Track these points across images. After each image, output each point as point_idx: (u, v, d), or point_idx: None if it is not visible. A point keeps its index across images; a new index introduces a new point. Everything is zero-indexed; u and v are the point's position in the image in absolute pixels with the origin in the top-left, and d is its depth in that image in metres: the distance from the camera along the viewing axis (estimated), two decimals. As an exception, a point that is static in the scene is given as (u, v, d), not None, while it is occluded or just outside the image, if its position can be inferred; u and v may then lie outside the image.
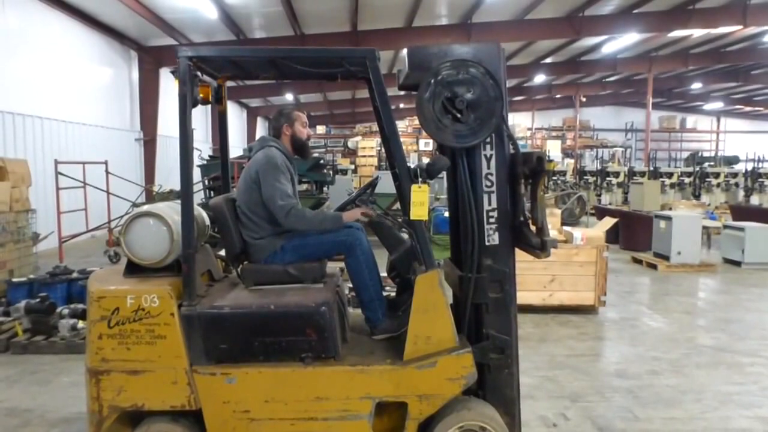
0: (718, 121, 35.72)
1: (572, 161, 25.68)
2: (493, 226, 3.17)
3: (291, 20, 14.78)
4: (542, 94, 30.16)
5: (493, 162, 3.13)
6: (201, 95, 3.47)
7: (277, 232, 3.31)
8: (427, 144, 32.62)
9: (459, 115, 2.97)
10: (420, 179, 3.04)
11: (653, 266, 9.57)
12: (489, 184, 3.14)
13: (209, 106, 3.55)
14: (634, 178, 18.41)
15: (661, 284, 8.56)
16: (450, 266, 3.60)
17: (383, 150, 28.92)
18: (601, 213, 12.29)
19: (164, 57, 15.73)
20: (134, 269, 3.16)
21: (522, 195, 3.17)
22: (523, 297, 6.56)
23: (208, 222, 3.65)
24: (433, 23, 16.10)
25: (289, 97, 27.49)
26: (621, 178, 18.68)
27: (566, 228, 6.99)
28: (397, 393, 2.98)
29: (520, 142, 26.41)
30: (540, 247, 3.08)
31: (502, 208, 3.15)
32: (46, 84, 11.18)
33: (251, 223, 3.30)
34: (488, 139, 3.10)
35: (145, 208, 3.17)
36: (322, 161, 13.07)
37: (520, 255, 6.60)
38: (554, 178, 19.19)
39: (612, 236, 11.40)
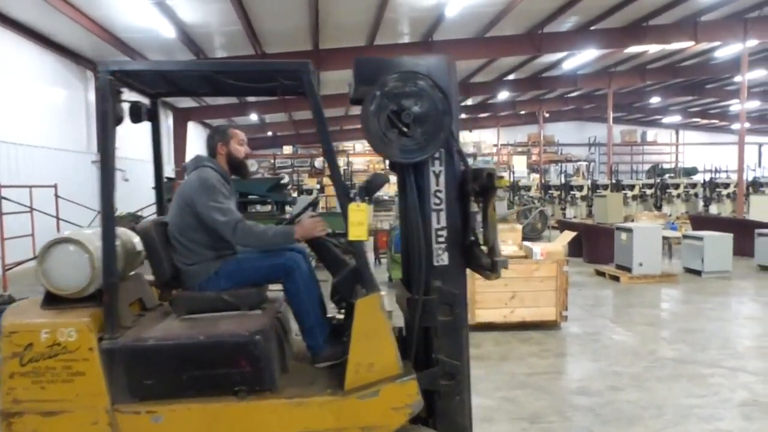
0: (677, 133, 36.63)
1: (537, 176, 25.96)
2: (443, 246, 3.02)
3: (251, 39, 14.63)
4: (507, 110, 30.54)
5: (442, 179, 2.99)
6: (132, 113, 3.30)
7: (211, 257, 3.11)
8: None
9: (405, 129, 2.83)
10: (358, 198, 2.88)
11: (616, 278, 9.57)
12: (438, 201, 2.99)
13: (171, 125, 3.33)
14: (597, 191, 18.64)
15: (624, 296, 8.55)
16: (401, 288, 3.43)
17: (349, 168, 28.75)
18: (564, 227, 12.31)
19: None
20: (53, 300, 2.91)
21: (473, 213, 3.03)
22: (483, 315, 6.48)
23: (140, 248, 3.42)
24: (396, 41, 16.12)
25: (253, 117, 27.27)
26: (585, 192, 18.88)
27: (526, 243, 6.92)
28: (339, 425, 2.78)
29: (486, 159, 26.72)
30: (491, 268, 2.94)
31: (451, 227, 3.01)
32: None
33: (183, 248, 3.09)
34: (437, 155, 2.97)
35: (65, 233, 2.93)
36: (283, 181, 12.85)
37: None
38: (520, 193, 19.32)
39: (575, 250, 11.44)
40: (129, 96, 3.27)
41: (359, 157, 34.17)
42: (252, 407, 2.75)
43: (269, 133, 33.29)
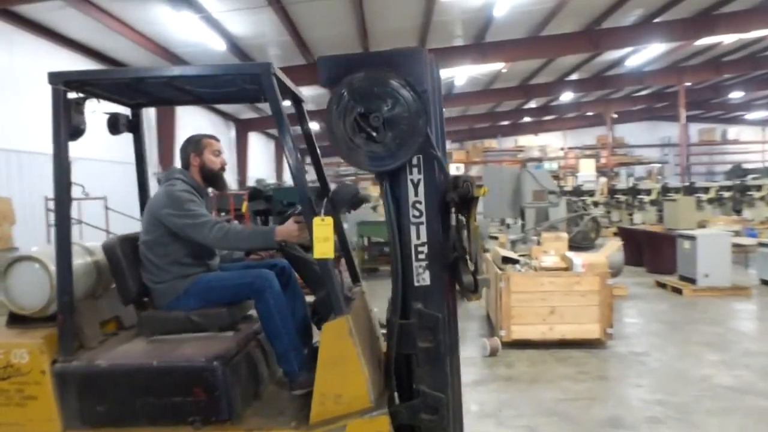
0: (764, 131, 34.04)
1: (606, 180, 24.77)
2: (423, 264, 2.69)
3: (301, 48, 14.71)
4: (572, 112, 29.42)
5: (421, 188, 2.67)
6: (111, 124, 3.21)
7: (180, 275, 2.93)
8: (458, 168, 32.16)
9: (374, 134, 2.55)
10: (323, 211, 2.61)
11: (678, 291, 8.80)
12: (417, 214, 2.67)
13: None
14: (668, 194, 17.45)
15: (685, 311, 7.81)
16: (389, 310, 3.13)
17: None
18: (623, 234, 11.54)
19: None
20: (18, 320, 2.82)
21: (454, 226, 2.70)
22: (519, 331, 6.04)
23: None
24: (447, 45, 15.75)
25: (315, 126, 27.54)
26: (653, 196, 17.74)
27: (568, 254, 6.40)
28: (298, 464, 2.52)
29: (550, 165, 25.72)
30: (472, 288, 2.60)
31: (433, 243, 2.68)
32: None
33: (152, 265, 2.93)
34: (415, 162, 2.66)
35: (26, 251, 2.83)
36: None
37: (517, 285, 6.08)
38: (581, 198, 18.42)
39: (636, 259, 10.68)
40: (111, 107, 3.22)
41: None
42: (207, 440, 2.54)
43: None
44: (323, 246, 2.60)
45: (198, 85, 2.83)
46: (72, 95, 2.73)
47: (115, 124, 3.22)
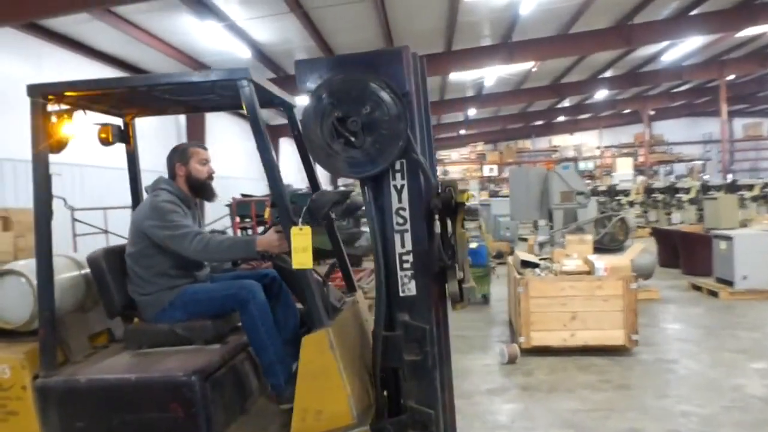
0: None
1: (644, 179, 24.06)
2: (408, 273, 2.57)
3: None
4: (607, 110, 28.72)
5: (405, 194, 2.55)
6: (102, 135, 3.19)
7: (166, 287, 2.88)
8: (492, 170, 31.81)
9: (353, 139, 2.45)
10: (300, 220, 2.52)
11: (714, 293, 8.39)
12: (401, 221, 2.56)
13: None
14: (709, 192, 16.79)
15: (720, 315, 7.44)
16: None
17: (447, 177, 28.56)
18: (657, 234, 11.13)
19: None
20: (3, 333, 2.82)
21: (438, 234, 2.57)
22: (539, 338, 5.84)
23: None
24: (474, 45, 15.52)
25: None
26: (692, 194, 17.09)
27: (591, 257, 6.16)
28: (277, 483, 2.43)
29: (586, 164, 25.10)
30: (457, 297, 2.47)
31: (419, 251, 2.56)
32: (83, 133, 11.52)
33: (138, 277, 2.90)
34: (398, 167, 2.54)
35: (10, 265, 2.83)
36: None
37: (536, 290, 5.88)
38: (616, 198, 17.91)
39: (672, 260, 10.29)
40: (104, 119, 3.21)
41: (456, 165, 33.64)
42: (185, 457, 2.47)
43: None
44: (301, 256, 2.50)
45: (178, 94, 2.77)
46: (55, 107, 2.72)
47: (106, 136, 3.20)
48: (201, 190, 3.07)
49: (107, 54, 12.45)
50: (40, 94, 2.62)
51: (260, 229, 8.45)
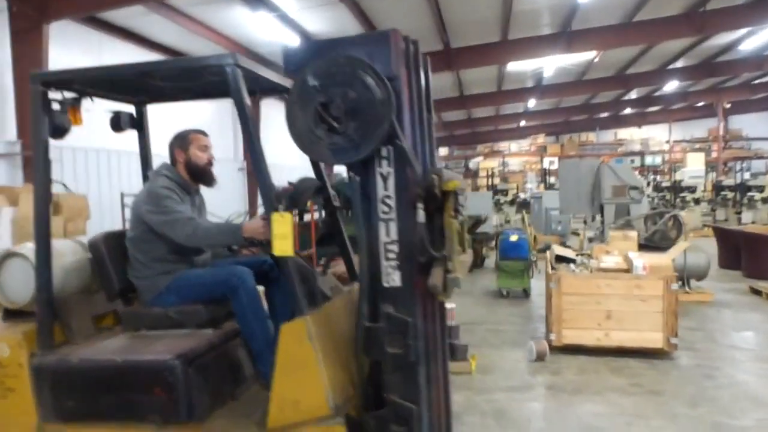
0: None
1: (714, 175, 22.77)
2: (393, 264, 2.51)
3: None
4: (679, 102, 27.30)
5: (391, 182, 2.48)
6: (113, 122, 3.27)
7: (162, 272, 2.94)
8: (552, 162, 30.96)
9: (336, 125, 2.40)
10: (281, 206, 2.50)
11: (777, 299, 7.84)
12: (386, 209, 2.49)
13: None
14: (785, 191, 15.71)
15: (780, 322, 6.93)
16: None
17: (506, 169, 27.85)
18: (718, 234, 10.48)
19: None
20: (13, 313, 2.95)
21: (422, 224, 2.48)
22: (571, 336, 5.63)
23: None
24: (532, 34, 15.06)
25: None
26: (766, 193, 16.03)
27: (631, 254, 5.85)
28: (251, 469, 2.43)
29: (653, 159, 23.97)
30: (438, 289, 2.38)
31: (404, 241, 2.49)
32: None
33: (136, 261, 2.97)
34: (385, 154, 2.48)
35: (16, 247, 2.95)
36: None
37: (569, 286, 5.66)
38: (681, 195, 17.04)
39: (734, 262, 9.69)
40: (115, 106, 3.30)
41: (515, 157, 33.01)
42: (167, 438, 2.51)
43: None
44: (282, 243, 2.49)
45: (174, 80, 2.80)
46: (58, 95, 2.81)
47: (117, 122, 3.28)
48: (200, 176, 3.10)
49: (164, 45, 12.87)
50: (40, 82, 2.70)
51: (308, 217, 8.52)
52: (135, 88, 3.00)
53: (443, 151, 35.62)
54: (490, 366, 5.42)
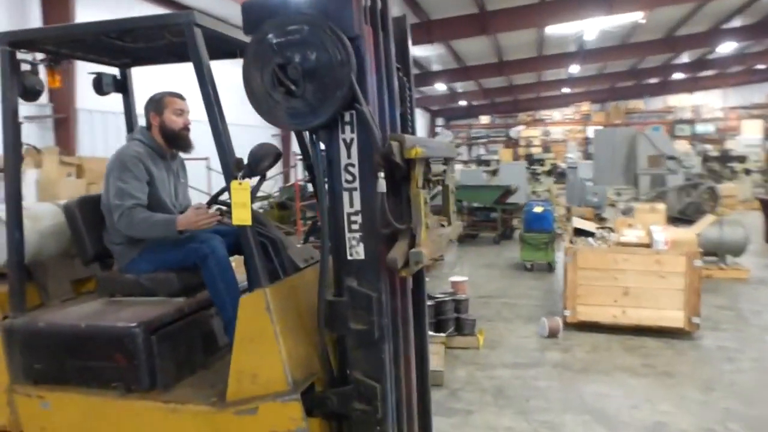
0: None
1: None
2: (357, 236, 2.37)
3: (413, 7, 14.27)
4: (735, 66, 25.74)
5: (354, 149, 2.33)
6: (95, 84, 3.21)
7: (135, 238, 2.87)
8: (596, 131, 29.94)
9: (293, 87, 2.25)
10: (240, 174, 2.38)
11: (820, 277, 7.36)
12: (350, 178, 2.34)
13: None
14: None
15: (820, 302, 6.50)
16: None
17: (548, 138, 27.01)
18: (765, 205, 9.88)
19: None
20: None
21: (382, 194, 2.32)
22: (586, 312, 5.42)
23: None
24: (571, -6, 14.35)
25: (440, 86, 27.03)
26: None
27: (653, 228, 5.54)
28: (208, 440, 2.38)
29: (705, 127, 22.72)
30: (396, 263, 2.23)
31: (368, 212, 2.34)
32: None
33: (111, 226, 2.91)
34: (347, 119, 2.32)
35: (-4, 210, 2.92)
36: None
37: (585, 260, 5.41)
38: (728, 165, 16.20)
39: (778, 236, 9.14)
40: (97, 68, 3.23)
41: (558, 126, 32.04)
42: (128, 406, 2.48)
43: (462, 103, 32.81)
44: (240, 212, 2.38)
45: (138, 41, 2.70)
46: (32, 56, 2.74)
47: (98, 84, 3.22)
48: (175, 140, 3.00)
49: (197, 9, 12.80)
50: (7, 43, 2.63)
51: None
52: (110, 49, 2.89)
53: (484, 119, 34.92)
54: (499, 341, 5.28)
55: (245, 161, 2.44)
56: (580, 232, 5.99)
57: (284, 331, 2.39)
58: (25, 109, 8.97)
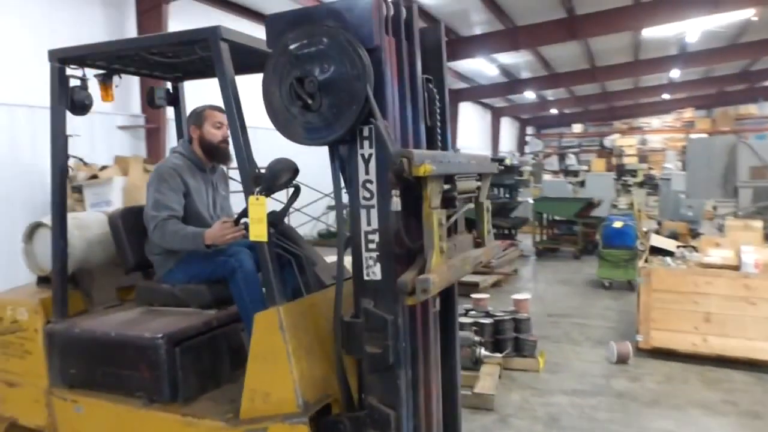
0: None
1: None
2: (374, 255, 2.28)
3: (496, 13, 13.97)
4: None
5: (373, 164, 2.24)
6: (149, 98, 3.34)
7: (172, 249, 2.93)
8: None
9: (309, 102, 2.20)
10: (257, 190, 2.35)
11: None
12: (368, 195, 2.26)
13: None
14: None
15: None
16: None
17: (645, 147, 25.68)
18: None
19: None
20: (45, 280, 3.11)
21: (398, 212, 2.20)
22: (661, 338, 5.01)
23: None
24: (668, -6, 13.45)
25: (529, 95, 26.30)
26: None
27: (743, 248, 5.00)
28: (220, 457, 2.36)
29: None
30: (404, 287, 2.10)
31: (384, 231, 2.24)
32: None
33: (150, 237, 2.99)
34: (366, 134, 2.24)
35: (45, 218, 3.08)
36: (504, 162, 11.83)
37: (660, 282, 5.00)
38: None
39: None
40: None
41: (657, 134, 30.28)
42: (149, 416, 2.53)
43: (553, 111, 31.77)
44: (257, 227, 2.35)
45: (159, 56, 2.76)
46: (82, 72, 2.87)
47: (151, 98, 3.34)
48: (214, 153, 3.04)
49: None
50: (57, 59, 2.77)
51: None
52: (158, 64, 2.97)
53: (577, 127, 33.62)
54: (562, 364, 4.96)
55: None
56: (657, 251, 5.53)
57: (297, 350, 2.33)
58: (120, 119, 9.62)
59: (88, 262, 3.08)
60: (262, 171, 2.41)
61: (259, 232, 2.35)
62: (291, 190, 2.94)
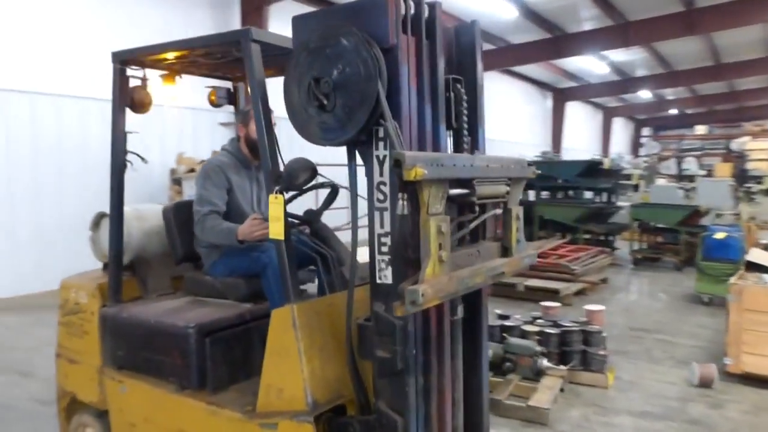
0: None
1: None
2: (386, 258, 2.24)
3: (605, 9, 13.29)
4: None
5: (386, 166, 2.21)
6: (211, 97, 3.49)
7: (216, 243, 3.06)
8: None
9: (324, 102, 2.21)
10: (277, 188, 2.39)
11: None
12: (381, 197, 2.23)
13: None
14: None
15: None
16: None
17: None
18: None
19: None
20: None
21: (400, 216, 2.14)
22: (754, 363, 4.55)
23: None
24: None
25: (645, 94, 24.72)
26: None
27: None
28: (235, 447, 2.43)
29: None
30: (402, 297, 2.02)
31: (397, 234, 2.20)
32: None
33: (198, 231, 3.15)
34: (381, 134, 2.21)
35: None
36: (602, 164, 11.14)
37: (753, 302, 4.55)
38: None
39: None
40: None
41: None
42: (180, 401, 2.67)
43: (673, 111, 29.66)
44: (276, 226, 2.39)
45: (202, 56, 2.88)
46: (140, 71, 3.08)
47: (213, 97, 3.50)
48: (258, 151, 3.12)
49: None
50: (119, 61, 2.99)
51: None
52: (216, 64, 3.11)
53: (701, 129, 31.15)
54: (635, 383, 4.62)
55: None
56: (754, 267, 4.98)
57: (310, 349, 2.36)
58: (221, 116, 10.17)
59: (145, 251, 3.29)
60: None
61: (277, 230, 2.39)
62: (327, 190, 2.97)
